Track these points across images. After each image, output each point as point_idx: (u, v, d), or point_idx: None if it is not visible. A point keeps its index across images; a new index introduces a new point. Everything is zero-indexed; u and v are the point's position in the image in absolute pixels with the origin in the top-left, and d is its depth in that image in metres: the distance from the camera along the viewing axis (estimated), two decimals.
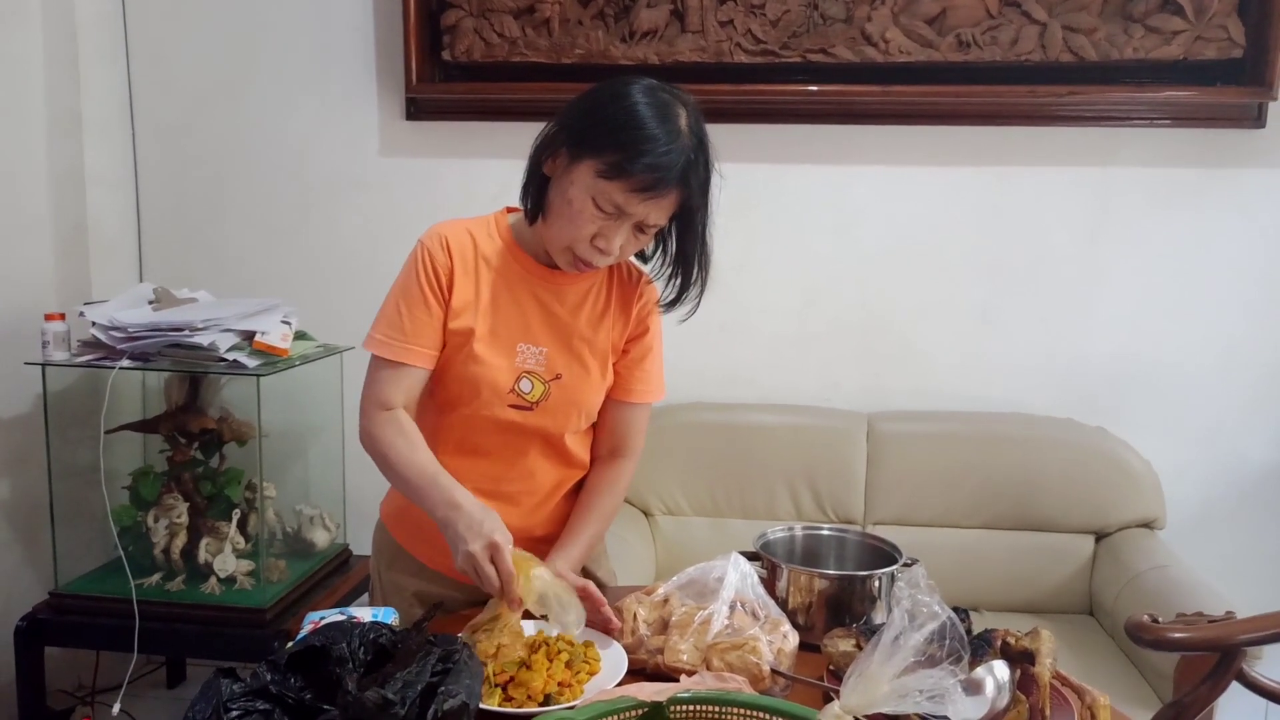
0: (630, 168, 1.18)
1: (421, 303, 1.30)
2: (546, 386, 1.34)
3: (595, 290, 1.38)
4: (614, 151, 1.18)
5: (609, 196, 1.20)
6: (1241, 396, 2.45)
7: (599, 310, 1.37)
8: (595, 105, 1.24)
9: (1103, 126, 2.39)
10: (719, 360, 2.57)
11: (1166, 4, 2.25)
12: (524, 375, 1.33)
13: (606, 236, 1.24)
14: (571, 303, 1.36)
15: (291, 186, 2.63)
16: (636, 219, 1.23)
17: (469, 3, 2.42)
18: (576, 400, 1.36)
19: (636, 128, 1.19)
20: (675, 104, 1.23)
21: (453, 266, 1.31)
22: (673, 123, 1.20)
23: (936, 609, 0.86)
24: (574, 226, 1.24)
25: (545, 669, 1.10)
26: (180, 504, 2.22)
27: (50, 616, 2.19)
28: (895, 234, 2.50)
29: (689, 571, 1.27)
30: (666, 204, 1.23)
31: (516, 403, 1.33)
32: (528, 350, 1.33)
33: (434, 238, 1.33)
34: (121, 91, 2.61)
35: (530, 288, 1.34)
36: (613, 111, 1.21)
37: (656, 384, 1.44)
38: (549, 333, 1.35)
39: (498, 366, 1.32)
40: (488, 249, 1.34)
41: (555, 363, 1.34)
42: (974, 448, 2.38)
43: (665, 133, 1.19)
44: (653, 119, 1.19)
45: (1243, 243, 2.40)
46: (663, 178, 1.19)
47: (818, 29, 2.35)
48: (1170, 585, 2.06)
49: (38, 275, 2.42)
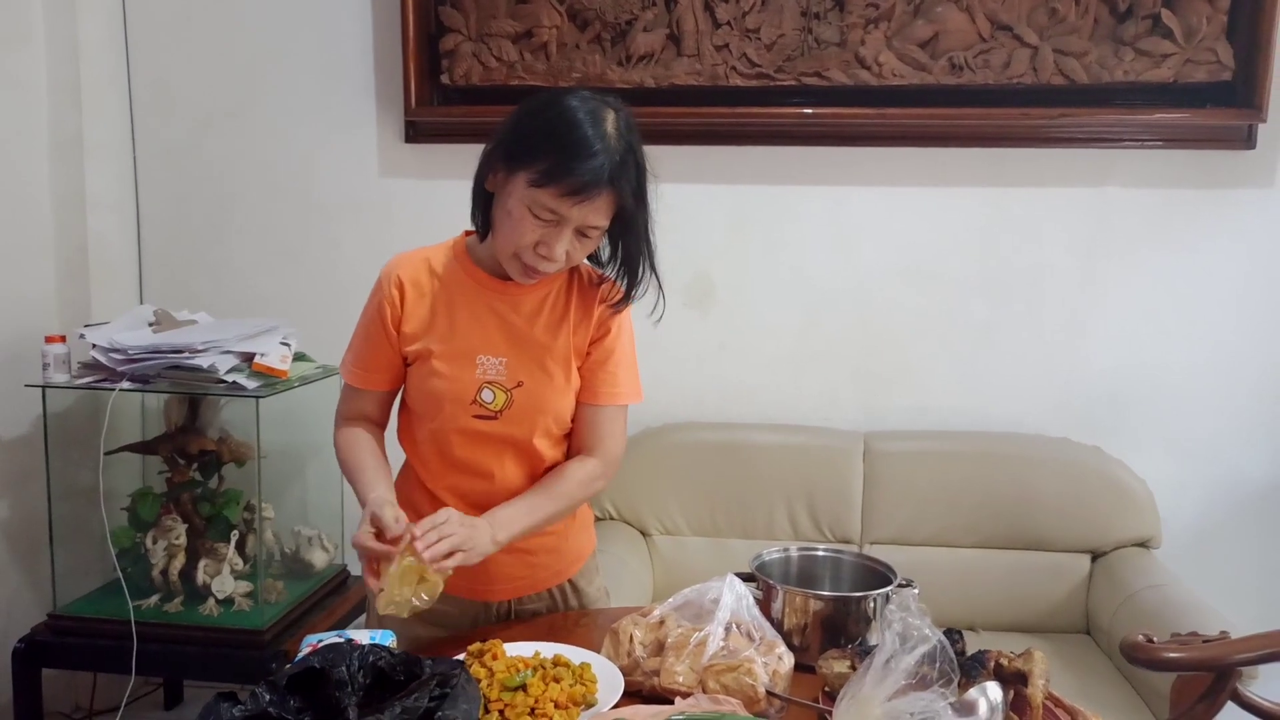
0: (560, 174, 1.21)
1: (371, 333, 1.40)
2: (509, 394, 1.37)
3: (553, 297, 1.40)
4: (544, 159, 1.22)
5: (543, 204, 1.23)
6: (1236, 415, 2.46)
7: (557, 316, 1.40)
8: (526, 118, 1.27)
9: (1095, 148, 2.41)
10: (717, 379, 2.58)
11: (1156, 27, 2.28)
12: (485, 386, 1.36)
13: (548, 244, 1.26)
14: (527, 311, 1.38)
15: (291, 208, 2.65)
16: (575, 224, 1.26)
17: (468, 27, 2.45)
18: (541, 406, 1.38)
19: (564, 135, 1.22)
20: (603, 109, 1.26)
21: (403, 298, 1.38)
22: (600, 127, 1.23)
23: (927, 632, 0.87)
24: (517, 236, 1.27)
25: (542, 691, 1.11)
26: (179, 525, 2.22)
27: (48, 638, 2.19)
28: (891, 254, 2.51)
29: (685, 593, 1.27)
30: (601, 206, 1.26)
31: (480, 413, 1.37)
32: (487, 361, 1.36)
33: (387, 273, 1.40)
34: (123, 114, 2.63)
35: (486, 300, 1.38)
36: (541, 122, 1.25)
37: (626, 387, 1.45)
38: (507, 342, 1.38)
39: (459, 379, 1.36)
40: (444, 271, 1.39)
41: (516, 371, 1.37)
42: (971, 467, 2.38)
43: (593, 137, 1.22)
44: (580, 125, 1.23)
45: (1235, 262, 2.42)
46: (591, 181, 1.22)
47: (812, 52, 2.38)
48: (1166, 604, 2.06)
49: (39, 297, 2.44)
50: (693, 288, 2.56)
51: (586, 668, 1.19)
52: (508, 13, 2.44)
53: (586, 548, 1.56)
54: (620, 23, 2.41)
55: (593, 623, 1.45)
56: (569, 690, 1.13)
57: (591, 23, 2.42)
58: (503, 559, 1.39)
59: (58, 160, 2.45)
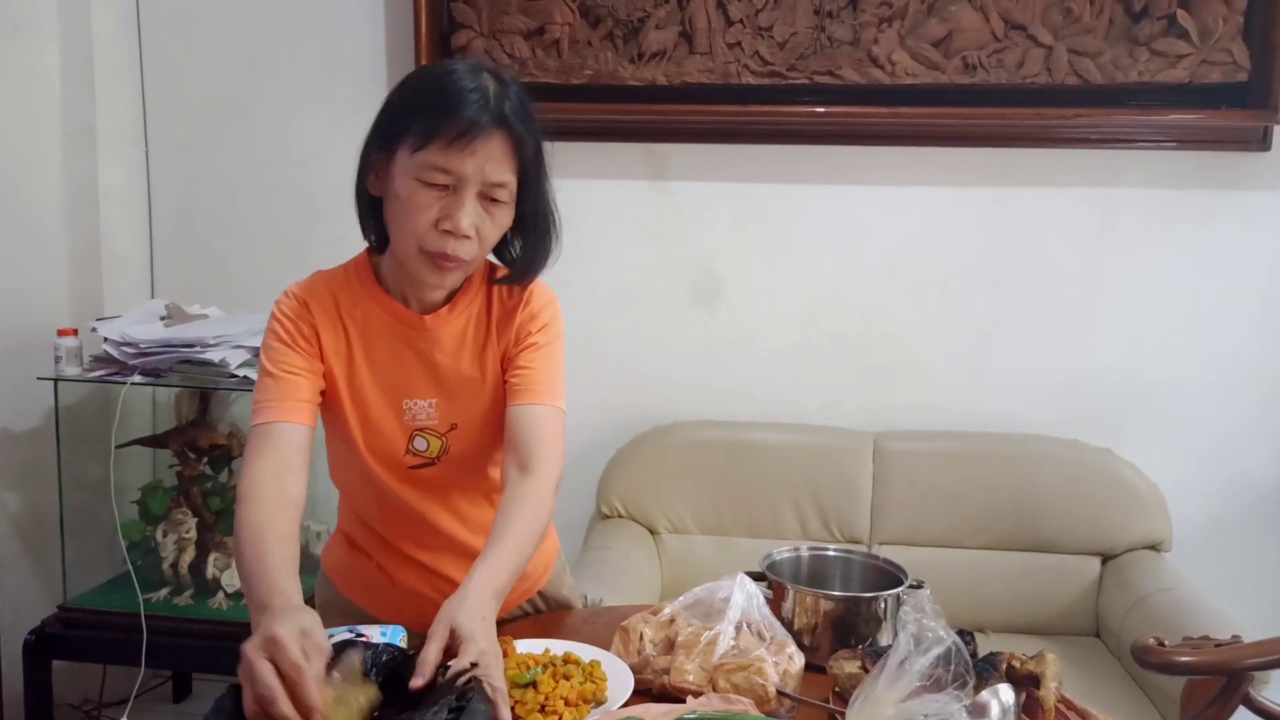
0: (440, 124, 1.09)
1: (289, 360, 1.20)
2: (444, 440, 1.26)
3: (473, 324, 1.26)
4: (420, 119, 1.11)
5: (432, 164, 1.10)
6: (1248, 418, 2.45)
7: (480, 343, 1.26)
8: (393, 99, 1.18)
9: (1108, 149, 2.40)
10: (722, 376, 2.58)
11: (1171, 28, 2.27)
12: (416, 434, 1.25)
13: (451, 215, 1.12)
14: (450, 347, 1.25)
15: (302, 203, 2.65)
16: (475, 184, 1.12)
17: (479, 23, 2.45)
18: (479, 446, 1.29)
19: (435, 89, 1.13)
20: (475, 66, 1.17)
21: (317, 328, 1.22)
22: (473, 76, 1.13)
23: (942, 633, 0.87)
24: (413, 219, 1.13)
25: (552, 689, 1.11)
26: (189, 519, 2.23)
27: (58, 630, 2.20)
28: (901, 253, 2.51)
29: (695, 591, 1.27)
30: (496, 153, 1.12)
31: (416, 462, 1.27)
32: (415, 405, 1.25)
33: (291, 302, 1.23)
34: (135, 108, 2.63)
35: (404, 339, 1.24)
36: (408, 91, 1.17)
37: (545, 387, 1.24)
38: (433, 384, 1.25)
39: (385, 428, 1.25)
40: (352, 305, 1.24)
41: (448, 414, 1.26)
42: (981, 468, 2.38)
43: (469, 83, 1.12)
44: (450, 76, 1.13)
45: (1246, 264, 2.41)
46: (477, 119, 1.10)
47: (825, 51, 2.37)
48: (1177, 608, 2.05)
49: (51, 290, 2.45)
50: (700, 286, 2.56)
51: (596, 665, 1.19)
52: (520, 9, 2.43)
53: (550, 558, 1.48)
54: (632, 20, 2.41)
55: (603, 620, 1.45)
56: (579, 688, 1.13)
57: (604, 20, 2.42)
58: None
59: (70, 153, 2.46)
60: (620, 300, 2.57)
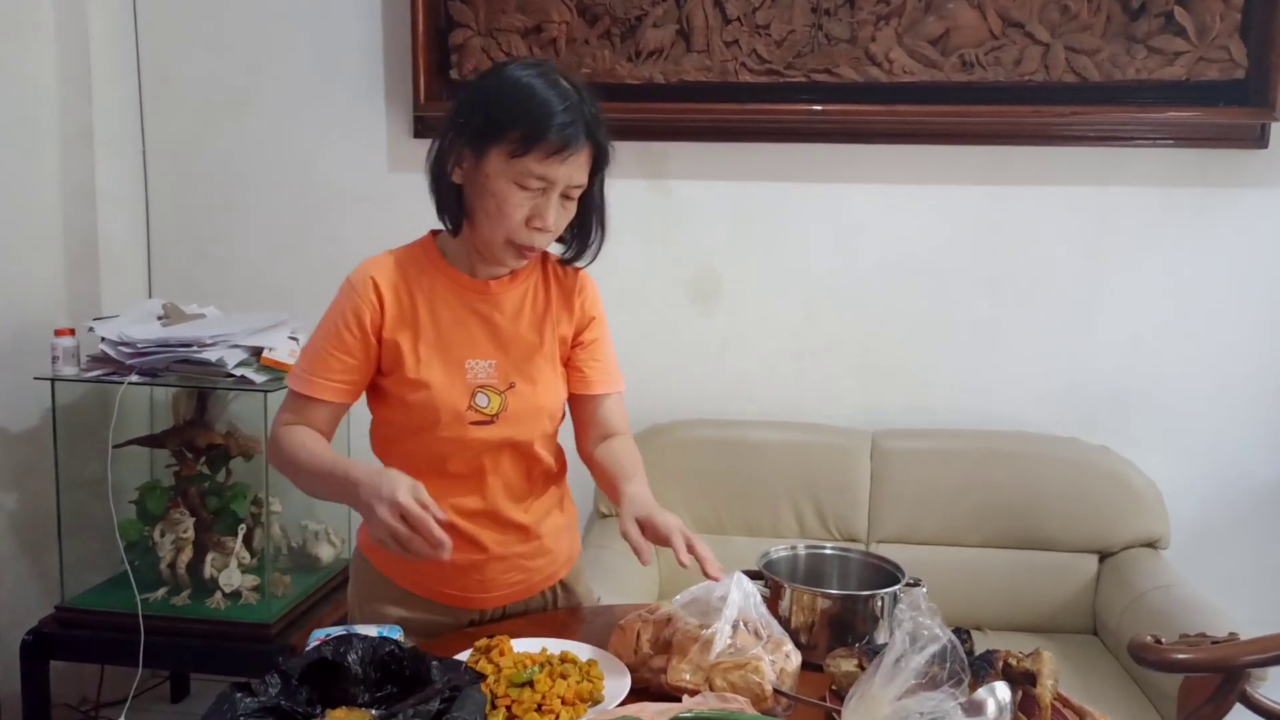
0: (539, 136, 1.20)
1: (343, 340, 1.32)
2: (503, 397, 1.35)
3: (531, 293, 1.39)
4: (517, 128, 1.21)
5: (529, 171, 1.22)
6: (1246, 415, 2.45)
7: (540, 311, 1.39)
8: (480, 97, 1.27)
9: (1105, 146, 2.40)
10: (720, 376, 2.58)
11: (1169, 25, 2.27)
12: (478, 390, 1.34)
13: (541, 214, 1.25)
14: (510, 310, 1.37)
15: (300, 203, 2.65)
16: (561, 186, 1.24)
17: (477, 22, 2.45)
18: (535, 405, 1.37)
19: (529, 98, 1.22)
20: (551, 71, 1.27)
21: (383, 304, 1.32)
22: (558, 85, 1.24)
23: (938, 631, 0.87)
24: (505, 217, 1.25)
25: (549, 688, 1.11)
26: (186, 519, 2.23)
27: (56, 630, 2.20)
28: (898, 252, 2.51)
29: (692, 590, 1.27)
30: (583, 160, 1.25)
31: (476, 419, 1.34)
32: (477, 365, 1.34)
33: (360, 277, 1.34)
34: (133, 108, 2.63)
35: (467, 303, 1.35)
36: (499, 96, 1.24)
37: (615, 374, 1.46)
38: (494, 344, 1.36)
39: (450, 387, 1.32)
40: (419, 275, 1.35)
41: (506, 373, 1.35)
42: (979, 466, 2.38)
43: (557, 95, 1.23)
44: (539, 88, 1.23)
45: (1245, 261, 2.41)
46: (573, 133, 1.22)
47: (822, 49, 2.37)
48: (1174, 605, 2.05)
49: (48, 290, 2.45)
50: (699, 284, 2.56)
51: (593, 664, 1.19)
52: (517, 7, 2.43)
53: (576, 549, 1.55)
54: (630, 18, 2.41)
55: (600, 619, 1.45)
56: (576, 687, 1.13)
57: (601, 18, 2.42)
58: (500, 566, 1.39)
59: (67, 153, 2.46)
60: (618, 299, 2.53)
